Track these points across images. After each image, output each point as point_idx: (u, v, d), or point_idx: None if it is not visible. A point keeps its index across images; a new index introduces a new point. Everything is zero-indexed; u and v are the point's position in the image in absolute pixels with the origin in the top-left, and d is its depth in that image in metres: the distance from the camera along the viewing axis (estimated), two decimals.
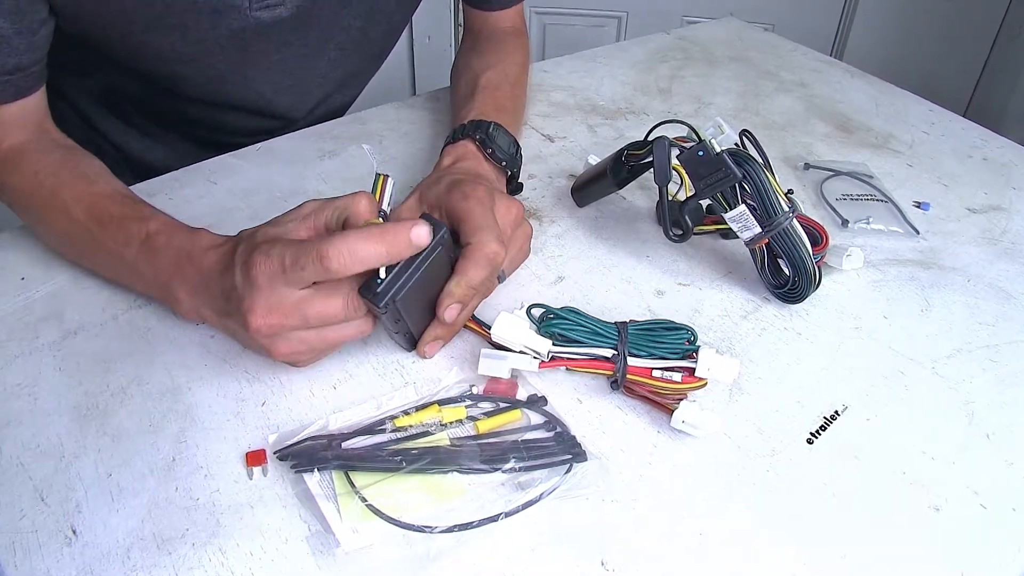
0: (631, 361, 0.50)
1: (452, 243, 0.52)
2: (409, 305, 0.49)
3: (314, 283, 0.46)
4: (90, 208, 0.56)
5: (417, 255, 0.48)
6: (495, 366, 0.50)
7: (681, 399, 0.49)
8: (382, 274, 0.47)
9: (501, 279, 0.58)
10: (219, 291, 0.49)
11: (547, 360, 0.51)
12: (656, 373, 0.50)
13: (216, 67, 0.69)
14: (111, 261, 0.57)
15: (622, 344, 0.50)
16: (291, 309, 0.46)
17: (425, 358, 0.54)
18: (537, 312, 0.52)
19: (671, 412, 0.49)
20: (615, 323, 0.52)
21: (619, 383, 0.50)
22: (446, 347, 0.55)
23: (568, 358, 0.51)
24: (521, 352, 0.51)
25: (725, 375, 0.50)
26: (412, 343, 0.54)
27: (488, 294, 0.57)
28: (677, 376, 0.50)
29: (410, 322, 0.51)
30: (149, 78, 0.71)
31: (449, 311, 0.51)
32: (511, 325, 0.51)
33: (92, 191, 0.57)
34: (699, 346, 0.51)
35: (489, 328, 0.52)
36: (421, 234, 0.45)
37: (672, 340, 0.51)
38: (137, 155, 0.82)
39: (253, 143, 0.80)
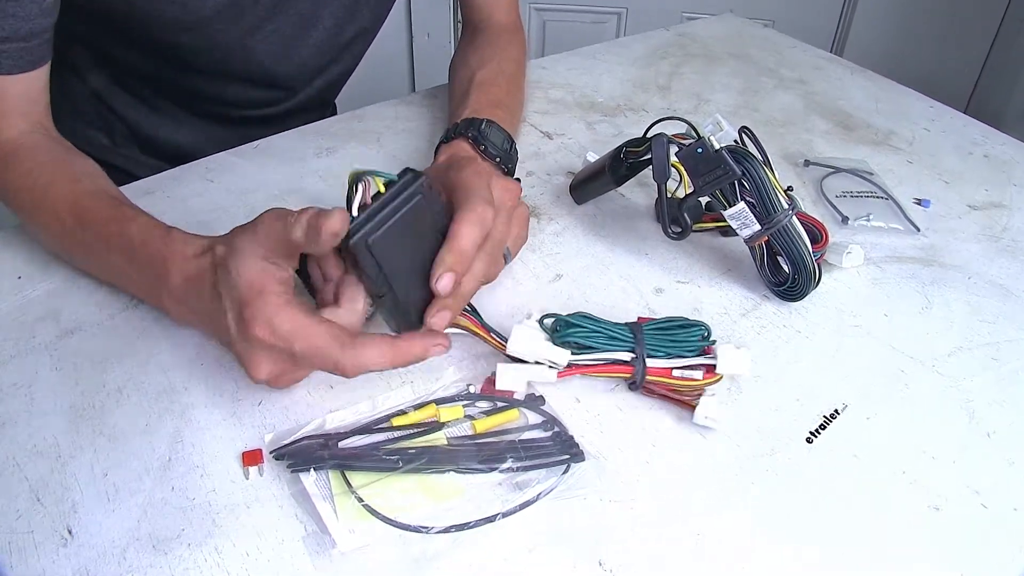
0: (649, 362, 0.49)
1: (442, 210, 0.49)
2: (401, 278, 0.47)
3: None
4: (74, 209, 0.56)
5: (393, 199, 0.45)
6: (513, 379, 0.50)
7: (700, 395, 0.49)
8: (355, 212, 0.44)
9: (507, 259, 0.56)
10: (205, 312, 0.49)
11: (565, 368, 0.50)
12: (676, 372, 0.49)
13: (216, 37, 0.71)
14: (101, 265, 0.57)
15: (639, 346, 0.50)
16: (295, 363, 0.47)
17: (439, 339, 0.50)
18: (549, 322, 0.52)
19: (692, 408, 0.49)
20: (628, 324, 0.51)
21: (638, 385, 0.50)
22: None
23: (586, 365, 0.50)
24: (537, 363, 0.50)
25: (740, 368, 0.50)
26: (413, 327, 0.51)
27: (492, 278, 0.54)
28: (698, 374, 0.49)
29: (402, 295, 0.48)
30: (156, 50, 0.72)
31: (442, 281, 0.46)
32: (527, 338, 0.50)
33: (77, 190, 0.57)
34: (715, 340, 0.51)
35: (505, 341, 0.51)
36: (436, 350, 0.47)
37: (687, 337, 0.51)
38: (145, 129, 0.83)
39: (259, 114, 0.82)
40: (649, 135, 0.61)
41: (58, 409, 0.49)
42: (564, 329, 0.51)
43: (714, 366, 0.50)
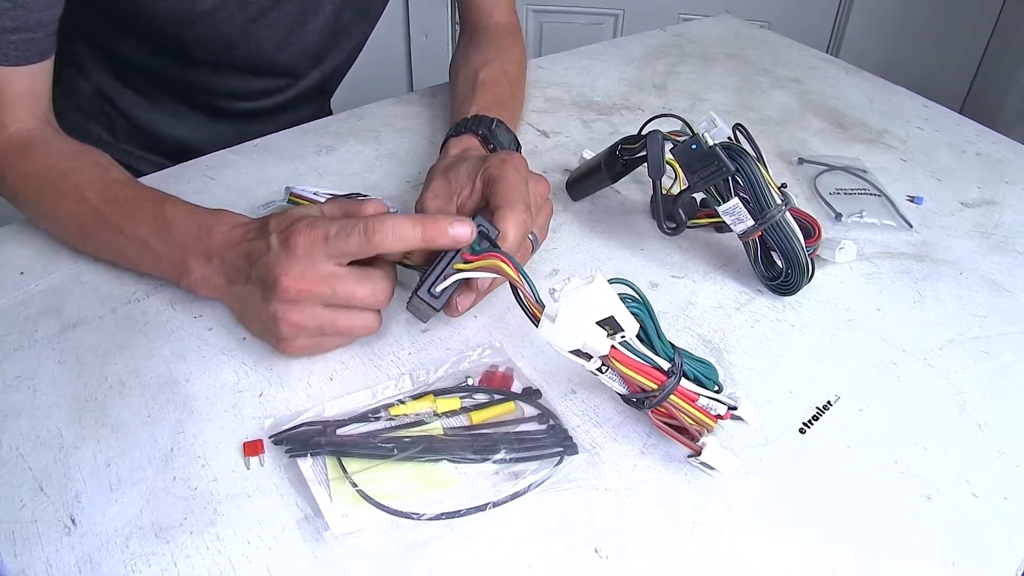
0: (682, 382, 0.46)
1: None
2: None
3: (348, 264, 0.49)
4: (104, 190, 0.58)
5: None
6: (569, 336, 0.44)
7: (705, 433, 0.46)
8: (437, 289, 0.50)
9: (534, 246, 0.58)
10: (243, 255, 0.51)
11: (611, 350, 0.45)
12: (701, 402, 0.46)
13: (220, 27, 0.72)
14: (119, 240, 0.57)
15: (679, 356, 0.46)
16: (322, 279, 0.48)
17: (458, 312, 0.53)
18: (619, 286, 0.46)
19: (695, 442, 0.46)
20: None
21: (656, 401, 0.45)
22: (442, 341, 0.55)
23: (629, 357, 0.45)
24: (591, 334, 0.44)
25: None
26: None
27: (523, 262, 0.55)
28: (720, 410, 0.46)
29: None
30: (158, 43, 0.74)
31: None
32: (605, 293, 0.43)
33: (106, 177, 0.59)
34: (721, 387, 0.48)
35: (543, 308, 0.45)
36: (460, 231, 0.48)
37: (709, 375, 0.48)
38: (146, 125, 0.84)
39: (259, 105, 0.83)
40: (644, 132, 0.62)
41: (61, 401, 0.50)
42: (630, 302, 0.45)
43: (734, 407, 0.47)
